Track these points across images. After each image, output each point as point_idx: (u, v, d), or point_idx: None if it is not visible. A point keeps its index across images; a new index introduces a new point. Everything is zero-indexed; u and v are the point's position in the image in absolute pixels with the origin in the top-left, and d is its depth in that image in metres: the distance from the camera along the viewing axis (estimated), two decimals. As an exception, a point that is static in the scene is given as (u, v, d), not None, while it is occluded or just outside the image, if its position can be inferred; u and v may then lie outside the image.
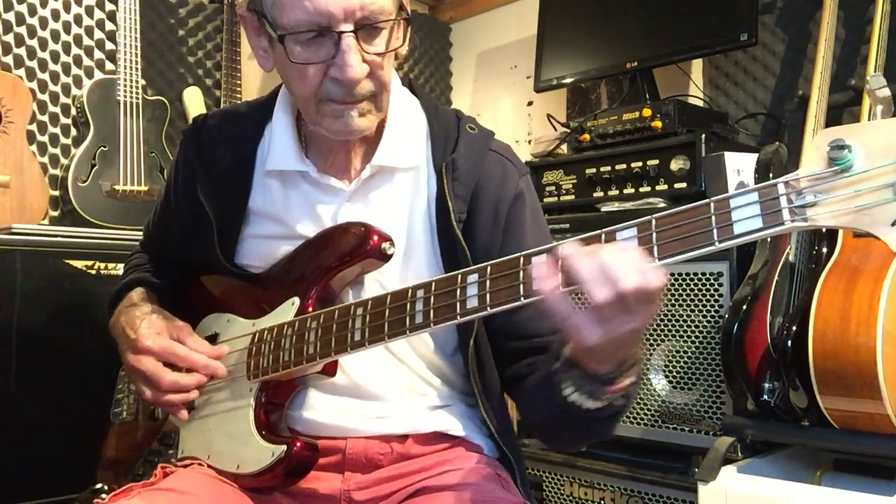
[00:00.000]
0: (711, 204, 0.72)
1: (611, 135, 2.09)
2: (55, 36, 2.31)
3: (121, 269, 1.28)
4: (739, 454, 1.59)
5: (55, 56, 2.31)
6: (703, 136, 1.88)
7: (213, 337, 1.14)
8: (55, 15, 2.31)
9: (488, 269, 0.84)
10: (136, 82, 2.26)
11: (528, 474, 1.12)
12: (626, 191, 2.01)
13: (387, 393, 1.06)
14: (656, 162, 1.94)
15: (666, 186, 1.93)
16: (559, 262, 0.77)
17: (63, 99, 2.31)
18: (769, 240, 1.63)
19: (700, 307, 1.75)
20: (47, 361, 1.78)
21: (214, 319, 1.14)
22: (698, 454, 1.68)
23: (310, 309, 1.02)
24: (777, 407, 1.49)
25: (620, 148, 2.05)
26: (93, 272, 1.88)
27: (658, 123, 1.98)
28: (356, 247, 1.01)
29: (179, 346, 1.07)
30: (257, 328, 1.07)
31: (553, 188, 2.16)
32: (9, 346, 1.73)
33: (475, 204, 1.06)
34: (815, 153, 0.68)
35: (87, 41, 2.37)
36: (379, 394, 1.06)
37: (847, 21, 2.08)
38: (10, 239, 1.79)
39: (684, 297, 1.78)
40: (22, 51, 2.24)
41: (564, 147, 2.28)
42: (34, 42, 2.26)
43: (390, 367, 1.07)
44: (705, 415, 1.73)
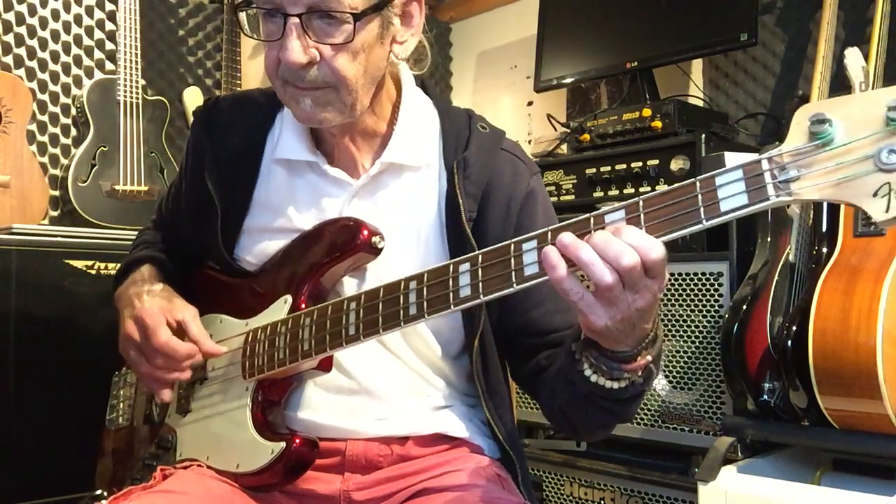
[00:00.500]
0: (697, 183, 0.73)
1: (611, 135, 2.09)
2: (55, 36, 2.31)
3: (117, 269, 1.28)
4: (739, 454, 1.59)
5: (55, 56, 2.31)
6: (703, 136, 1.87)
7: None
8: (55, 15, 2.31)
9: (479, 257, 0.84)
10: (136, 82, 2.26)
11: (528, 474, 1.12)
12: (626, 191, 2.01)
13: (387, 394, 1.06)
14: (656, 162, 1.94)
15: (666, 186, 1.92)
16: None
17: (63, 99, 2.32)
18: (769, 240, 1.63)
19: (700, 307, 1.75)
20: (47, 361, 1.78)
21: (208, 322, 1.13)
22: (698, 454, 1.68)
23: (302, 306, 1.02)
24: (777, 407, 1.49)
25: (620, 148, 2.05)
26: (93, 272, 1.88)
27: (658, 123, 1.98)
28: (346, 241, 1.01)
29: (163, 332, 1.05)
30: (250, 327, 1.07)
31: (553, 188, 2.16)
32: (8, 346, 1.73)
33: (486, 202, 1.06)
34: (797, 129, 0.69)
35: (87, 41, 2.38)
36: (379, 395, 1.06)
37: (847, 21, 2.07)
38: (10, 239, 1.79)
39: (684, 297, 1.77)
40: (22, 51, 2.24)
41: (564, 147, 2.28)
42: (34, 42, 2.27)
43: (391, 368, 1.06)
44: (705, 415, 1.73)
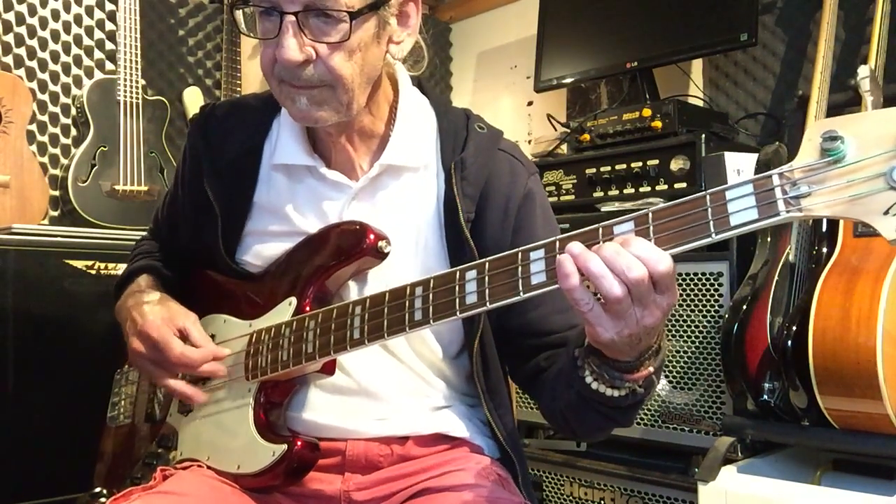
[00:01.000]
0: (707, 196, 0.73)
1: (611, 135, 2.09)
2: (55, 36, 2.31)
3: (121, 269, 1.28)
4: (739, 454, 1.59)
5: (55, 56, 2.31)
6: (703, 136, 1.87)
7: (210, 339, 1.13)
8: (55, 15, 2.31)
9: (486, 265, 0.84)
10: (136, 82, 2.26)
11: (528, 474, 1.12)
12: (626, 191, 2.01)
13: (387, 394, 1.06)
14: (656, 162, 1.94)
15: (666, 186, 1.93)
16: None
17: (63, 99, 2.32)
18: (769, 240, 1.63)
19: (700, 307, 1.75)
20: (46, 361, 1.78)
21: (210, 321, 1.13)
22: (698, 454, 1.68)
23: (307, 309, 1.02)
24: (777, 407, 1.49)
25: (620, 148, 2.05)
26: (93, 272, 1.88)
27: (658, 123, 1.98)
28: (353, 245, 1.01)
29: (175, 344, 1.04)
30: (254, 329, 1.06)
31: (553, 188, 2.16)
32: (7, 346, 1.73)
33: (484, 203, 1.06)
34: (809, 145, 0.69)
35: (87, 41, 2.38)
36: (380, 395, 1.05)
37: (847, 21, 2.07)
38: (10, 239, 1.79)
39: (684, 297, 1.77)
40: (22, 51, 2.24)
41: (564, 147, 2.28)
42: (34, 42, 2.27)
43: (391, 368, 1.06)
44: (705, 415, 1.73)
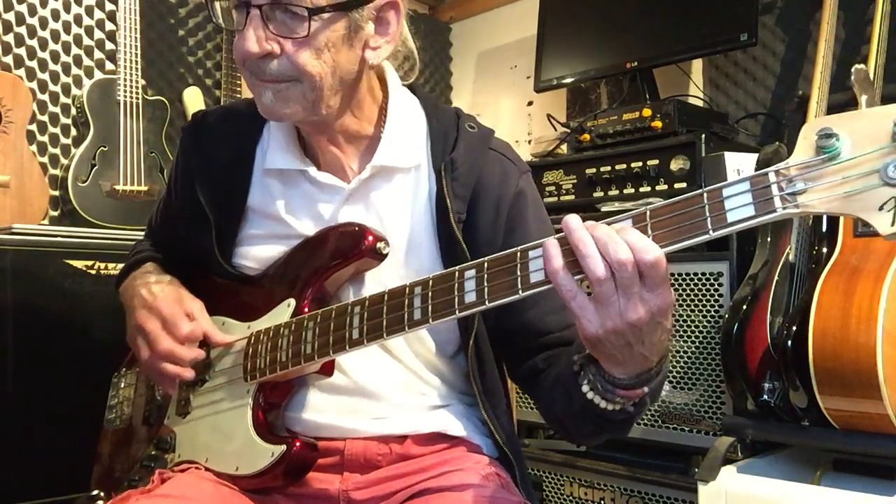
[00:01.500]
0: (704, 194, 0.74)
1: (611, 135, 2.09)
2: (55, 36, 2.31)
3: (121, 268, 1.28)
4: (739, 454, 1.59)
5: (55, 56, 2.31)
6: (703, 136, 1.87)
7: None
8: (55, 15, 2.31)
9: (485, 264, 0.85)
10: (136, 82, 2.26)
11: (528, 474, 1.12)
12: (626, 191, 2.01)
13: (386, 393, 1.06)
14: (656, 162, 1.94)
15: (666, 186, 1.93)
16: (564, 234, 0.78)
17: (63, 99, 2.32)
18: (769, 240, 1.63)
19: (700, 307, 1.75)
20: (46, 361, 1.78)
21: None
22: (698, 454, 1.68)
23: (305, 310, 1.02)
24: (777, 407, 1.49)
25: (620, 148, 2.05)
26: (93, 272, 1.88)
27: (658, 123, 1.98)
28: (351, 247, 1.01)
29: (185, 321, 1.06)
30: (253, 330, 1.06)
31: (553, 188, 2.16)
32: (7, 346, 1.73)
33: (475, 203, 1.06)
34: (804, 143, 0.70)
35: (87, 41, 2.37)
36: (378, 394, 1.06)
37: (847, 21, 2.07)
38: (10, 239, 1.79)
39: (684, 297, 1.78)
40: (22, 51, 2.24)
41: (564, 147, 2.28)
42: (34, 42, 2.26)
43: (389, 367, 1.06)
44: (705, 415, 1.73)
